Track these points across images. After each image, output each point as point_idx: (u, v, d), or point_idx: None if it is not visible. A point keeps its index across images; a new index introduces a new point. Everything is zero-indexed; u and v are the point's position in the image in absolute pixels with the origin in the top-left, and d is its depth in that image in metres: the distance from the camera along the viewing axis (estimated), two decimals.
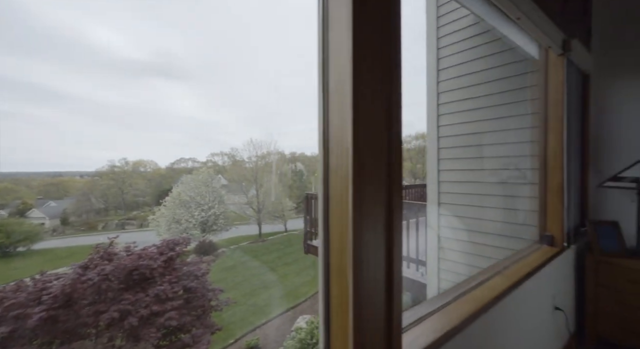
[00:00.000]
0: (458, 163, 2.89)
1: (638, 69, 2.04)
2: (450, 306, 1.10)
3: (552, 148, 1.86)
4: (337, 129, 0.68)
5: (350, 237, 0.64)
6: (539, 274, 1.56)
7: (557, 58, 1.82)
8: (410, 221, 3.74)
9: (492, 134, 2.64)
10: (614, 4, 2.13)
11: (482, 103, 2.73)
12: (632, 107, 2.07)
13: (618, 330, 1.83)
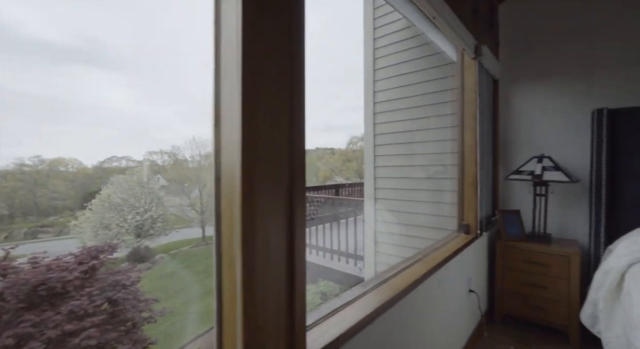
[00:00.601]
0: (392, 160, 3.02)
1: (534, 78, 2.33)
2: (367, 295, 1.10)
3: (468, 145, 2.03)
4: (228, 125, 0.62)
5: (238, 226, 0.58)
6: (456, 260, 1.68)
7: (471, 61, 1.99)
8: (349, 218, 3.83)
9: (421, 132, 2.81)
10: (514, 22, 2.41)
11: (413, 103, 2.89)
12: (531, 111, 2.36)
13: (520, 306, 2.07)
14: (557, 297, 1.94)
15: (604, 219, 1.91)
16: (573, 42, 2.18)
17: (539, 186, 2.14)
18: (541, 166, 2.07)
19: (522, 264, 2.06)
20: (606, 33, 2.07)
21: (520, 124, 2.42)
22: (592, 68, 2.12)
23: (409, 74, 2.93)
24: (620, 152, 1.94)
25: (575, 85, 2.19)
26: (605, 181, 1.91)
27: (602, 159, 1.92)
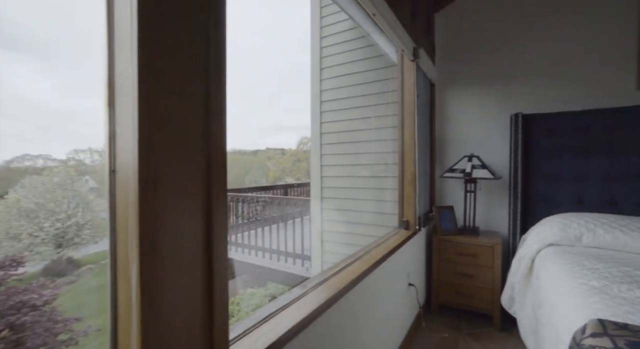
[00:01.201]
0: (338, 159, 3.04)
1: (464, 83, 2.53)
2: (306, 297, 1.05)
3: (407, 144, 2.10)
4: (124, 104, 0.51)
5: (135, 228, 0.48)
6: (396, 255, 1.72)
7: (410, 63, 2.07)
8: (296, 218, 3.78)
9: (366, 132, 2.87)
10: (447, 31, 2.59)
11: (358, 103, 2.94)
12: (462, 113, 2.55)
13: (453, 295, 2.21)
14: (483, 284, 2.12)
15: (520, 212, 2.13)
16: (496, 52, 2.41)
17: (469, 183, 2.32)
18: (471, 164, 2.24)
19: (454, 256, 2.21)
20: (523, 46, 2.32)
21: (453, 125, 2.60)
22: (511, 77, 2.37)
23: (354, 74, 2.98)
24: (532, 153, 2.19)
25: (497, 91, 2.42)
26: (520, 178, 2.14)
27: (518, 159, 2.14)
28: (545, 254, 1.66)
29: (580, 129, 2.04)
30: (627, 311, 0.95)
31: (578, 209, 2.02)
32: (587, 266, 1.37)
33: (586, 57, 2.13)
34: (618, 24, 2.04)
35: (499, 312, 2.06)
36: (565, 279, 1.30)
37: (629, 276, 1.24)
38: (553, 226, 1.77)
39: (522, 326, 1.70)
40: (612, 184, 1.94)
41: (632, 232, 1.57)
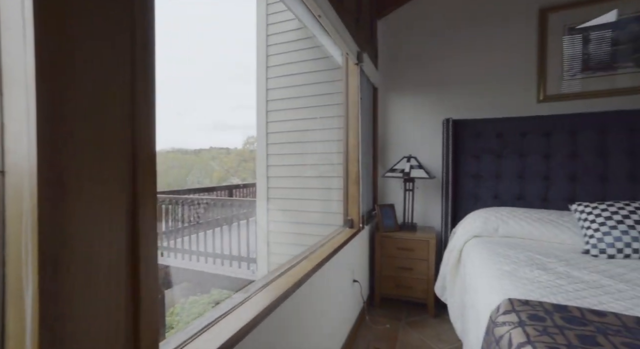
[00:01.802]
0: (284, 159, 3.02)
1: (404, 88, 2.72)
2: (249, 301, 1.02)
3: (351, 145, 2.18)
4: (17, 91, 0.43)
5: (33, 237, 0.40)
6: (341, 253, 1.76)
7: (354, 66, 2.14)
8: (242, 220, 3.66)
9: (312, 132, 2.89)
10: (389, 38, 2.75)
11: (304, 103, 2.95)
12: (402, 116, 2.73)
13: (394, 288, 2.36)
14: (420, 276, 2.29)
15: (450, 208, 2.36)
16: (431, 62, 2.63)
17: (407, 182, 2.49)
18: (409, 165, 2.41)
19: (395, 251, 2.35)
20: (453, 58, 2.57)
21: (394, 128, 2.77)
22: (444, 85, 2.60)
23: (301, 74, 2.99)
24: (461, 155, 2.44)
25: (432, 98, 2.65)
26: (451, 177, 2.37)
27: (449, 160, 2.37)
28: (470, 245, 1.86)
29: (497, 134, 2.34)
30: (529, 290, 1.12)
31: (496, 204, 2.30)
32: (501, 254, 1.57)
33: (501, 72, 2.44)
34: (522, 46, 2.38)
35: (433, 300, 2.25)
36: (484, 265, 1.47)
37: (531, 260, 1.45)
38: (476, 220, 1.99)
39: (452, 310, 1.88)
40: (520, 181, 2.26)
41: (534, 223, 1.84)
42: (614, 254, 1.52)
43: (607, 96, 2.19)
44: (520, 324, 0.88)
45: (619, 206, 1.67)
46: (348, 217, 2.14)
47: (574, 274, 1.31)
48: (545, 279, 1.23)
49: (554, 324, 0.86)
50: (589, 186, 2.09)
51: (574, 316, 0.90)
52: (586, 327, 0.84)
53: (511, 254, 1.55)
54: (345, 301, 1.88)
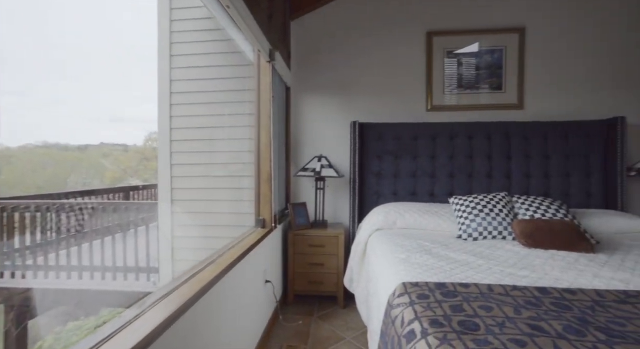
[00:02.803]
0: (192, 157, 2.77)
1: (315, 89, 2.82)
2: (142, 317, 0.89)
3: (263, 143, 2.14)
4: None
5: None
6: (253, 254, 1.71)
7: (266, 64, 2.11)
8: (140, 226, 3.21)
9: (222, 130, 2.74)
10: (302, 39, 2.82)
11: (214, 98, 2.77)
12: (314, 117, 2.82)
13: (306, 284, 2.42)
14: (330, 270, 2.41)
15: (357, 204, 2.55)
16: (341, 66, 2.80)
17: (319, 181, 2.58)
18: (320, 164, 2.50)
19: (307, 249, 2.41)
20: (360, 65, 2.78)
21: (306, 128, 2.84)
22: (352, 88, 2.80)
23: (210, 67, 2.79)
24: (367, 155, 2.66)
25: (341, 100, 2.81)
26: (357, 176, 2.56)
27: (356, 159, 2.56)
28: (374, 238, 2.04)
29: (395, 137, 2.63)
30: (418, 273, 1.28)
31: (395, 199, 2.59)
32: (398, 243, 1.77)
33: (399, 82, 2.76)
34: (415, 62, 2.75)
35: (342, 292, 2.39)
36: (384, 255, 1.63)
37: (421, 247, 1.68)
38: (379, 214, 2.20)
39: (358, 299, 2.03)
40: (414, 179, 2.60)
41: (423, 215, 2.14)
42: (477, 237, 1.88)
43: (473, 109, 2.71)
44: (411, 304, 1.00)
45: (480, 198, 2.08)
46: (260, 217, 2.10)
47: (451, 255, 1.56)
48: (431, 263, 1.43)
49: (435, 300, 1.00)
50: (462, 182, 2.54)
51: (449, 290, 1.08)
52: (456, 298, 1.01)
53: (406, 244, 1.76)
54: (257, 302, 1.83)
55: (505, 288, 1.10)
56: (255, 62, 2.17)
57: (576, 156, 2.47)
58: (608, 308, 0.98)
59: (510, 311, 0.92)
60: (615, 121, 2.38)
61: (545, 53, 2.65)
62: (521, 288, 1.10)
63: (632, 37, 2.59)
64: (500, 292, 1.07)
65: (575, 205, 2.46)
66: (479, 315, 0.89)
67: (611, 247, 1.71)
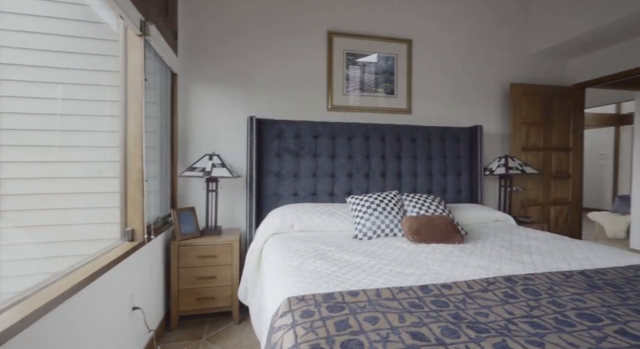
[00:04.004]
0: (31, 153, 2.08)
1: (211, 81, 2.48)
2: None
3: (132, 136, 1.72)
4: None
5: None
6: (110, 276, 1.32)
7: (136, 38, 1.70)
8: None
9: (77, 118, 2.14)
10: (196, 23, 2.45)
11: (65, 77, 2.14)
12: (207, 110, 2.48)
13: (195, 302, 2.08)
14: (224, 283, 2.13)
15: (255, 207, 2.34)
16: (239, 58, 2.54)
17: (210, 182, 2.27)
18: (211, 163, 2.19)
19: (195, 260, 2.07)
20: (261, 58, 2.57)
21: (198, 122, 2.48)
22: (250, 82, 2.57)
23: (59, 36, 2.14)
24: (265, 154, 2.47)
25: (238, 93, 2.55)
26: (255, 176, 2.35)
27: (253, 158, 2.34)
28: (269, 244, 1.86)
29: (296, 136, 2.52)
30: (308, 283, 1.16)
31: (295, 201, 2.48)
32: (293, 249, 1.63)
33: (300, 79, 2.67)
34: (316, 60, 2.70)
35: (237, 306, 2.14)
36: (276, 263, 1.47)
37: (316, 251, 1.59)
38: (275, 218, 2.04)
39: (253, 313, 1.82)
40: (314, 179, 2.54)
41: (322, 216, 2.08)
42: (371, 236, 1.91)
43: (371, 112, 2.82)
44: (292, 326, 0.85)
45: (374, 197, 2.14)
46: (127, 228, 1.67)
47: (345, 258, 1.51)
48: (324, 269, 1.33)
49: (320, 317, 0.88)
50: (359, 181, 2.60)
51: (337, 302, 0.97)
52: (343, 312, 0.91)
53: (301, 248, 1.64)
54: (116, 337, 1.43)
55: (393, 290, 1.06)
56: (121, 35, 1.73)
57: (451, 158, 2.83)
58: (475, 298, 1.03)
59: (395, 319, 0.86)
60: (476, 129, 2.81)
61: (428, 65, 2.96)
62: (406, 289, 1.08)
63: (489, 58, 3.12)
64: (387, 296, 1.02)
65: (450, 200, 2.80)
66: (364, 330, 0.80)
67: (475, 237, 1.95)
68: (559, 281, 1.18)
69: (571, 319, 0.89)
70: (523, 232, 2.08)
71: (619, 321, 0.89)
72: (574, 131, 3.31)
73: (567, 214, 3.31)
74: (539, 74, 3.31)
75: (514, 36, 3.22)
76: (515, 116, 3.05)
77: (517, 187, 3.04)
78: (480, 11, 3.10)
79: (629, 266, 1.40)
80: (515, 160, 2.76)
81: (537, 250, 1.67)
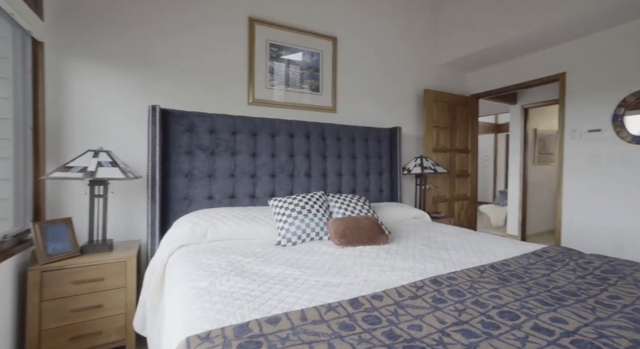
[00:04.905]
0: None
1: (98, 56, 1.98)
2: None
3: None
4: None
5: None
6: None
7: None
8: None
9: None
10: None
11: None
12: (91, 94, 1.97)
13: (70, 343, 1.60)
14: (114, 311, 1.69)
15: (159, 214, 1.95)
16: (140, 34, 2.08)
17: (96, 185, 1.79)
18: (97, 161, 1.73)
19: (72, 288, 1.59)
20: (170, 36, 2.16)
21: (78, 108, 1.94)
22: (155, 65, 2.14)
23: None
24: (174, 151, 2.09)
25: (138, 77, 2.10)
26: (160, 176, 1.96)
27: (156, 156, 1.95)
28: (175, 258, 1.54)
29: (211, 131, 2.20)
30: (217, 311, 0.93)
31: (210, 205, 2.16)
32: (203, 264, 1.36)
33: (218, 68, 2.35)
34: (236, 48, 2.43)
35: (134, 339, 1.73)
36: (180, 285, 1.19)
37: (232, 265, 1.35)
38: (183, 226, 1.72)
39: (151, 347, 1.48)
40: (233, 180, 2.26)
41: (241, 222, 1.84)
42: (296, 242, 1.76)
43: (296, 108, 2.67)
44: None
45: (299, 198, 1.99)
46: None
47: (266, 271, 1.31)
48: (240, 288, 1.11)
49: None
50: (283, 182, 2.43)
51: (253, 335, 0.78)
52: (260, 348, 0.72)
53: (214, 262, 1.38)
54: None
55: (320, 310, 0.92)
56: None
57: (373, 157, 2.88)
58: (406, 307, 0.96)
59: None
60: (396, 130, 2.93)
61: (352, 66, 2.96)
62: (335, 306, 0.95)
63: (407, 64, 3.31)
64: (314, 319, 0.87)
65: (373, 199, 2.85)
66: None
67: (398, 236, 1.98)
68: (476, 277, 1.22)
69: (495, 320, 0.88)
70: (438, 228, 2.21)
71: (532, 315, 0.92)
72: (471, 135, 3.77)
73: (467, 208, 3.76)
74: (447, 83, 3.66)
75: (427, 46, 3.48)
76: (428, 120, 3.31)
77: (430, 185, 3.29)
78: (400, 18, 3.26)
79: (522, 254, 1.57)
80: (429, 160, 2.97)
81: (452, 245, 1.76)
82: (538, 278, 1.24)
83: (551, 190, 5.02)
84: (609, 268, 1.35)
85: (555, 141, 5.08)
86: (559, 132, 3.05)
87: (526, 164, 4.73)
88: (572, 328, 0.83)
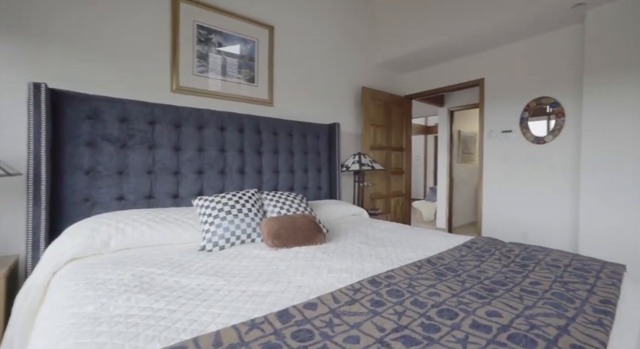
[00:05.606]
0: None
1: None
2: None
3: None
4: None
5: None
6: None
7: None
8: None
9: None
10: None
11: None
12: None
13: None
14: None
15: (45, 220, 1.55)
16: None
17: None
18: None
19: None
20: (66, 8, 1.73)
21: None
22: (43, 35, 1.70)
23: None
24: (69, 142, 1.69)
25: (23, 49, 1.65)
26: (46, 173, 1.56)
27: (42, 148, 1.54)
28: (62, 276, 1.21)
29: (122, 119, 1.85)
30: (101, 346, 0.70)
31: (121, 207, 1.81)
32: (99, 280, 1.08)
33: (133, 45, 1.99)
34: (157, 26, 2.09)
35: None
36: (54, 312, 0.90)
37: (138, 279, 1.10)
38: (76, 235, 1.37)
39: None
40: (151, 177, 1.94)
41: (157, 225, 1.56)
42: (224, 245, 1.54)
43: (228, 99, 2.42)
44: None
45: (228, 197, 1.77)
46: None
47: (182, 283, 1.09)
48: (141, 309, 0.88)
49: None
50: (213, 179, 2.17)
51: None
52: None
53: (114, 278, 1.11)
54: None
55: (240, 330, 0.75)
56: None
57: (311, 153, 2.78)
58: (342, 315, 0.86)
59: None
60: (334, 126, 2.88)
61: (289, 57, 2.82)
62: (260, 322, 0.79)
63: (346, 60, 3.28)
64: (231, 343, 0.70)
65: (311, 197, 2.75)
66: None
67: (336, 234, 1.90)
68: (414, 274, 1.17)
69: (435, 321, 0.82)
70: (375, 225, 2.20)
71: (469, 310, 0.89)
72: (406, 134, 3.94)
73: (402, 204, 3.91)
74: (384, 82, 3.76)
75: (366, 45, 3.52)
76: (366, 117, 3.34)
77: (367, 182, 3.33)
78: (339, 14, 3.22)
79: (454, 247, 1.61)
80: (367, 157, 2.98)
81: (389, 241, 1.73)
82: (470, 269, 1.26)
83: (472, 186, 5.58)
84: (527, 254, 1.45)
85: (476, 141, 5.66)
86: (479, 133, 3.34)
87: (452, 163, 5.16)
88: (507, 321, 0.81)
